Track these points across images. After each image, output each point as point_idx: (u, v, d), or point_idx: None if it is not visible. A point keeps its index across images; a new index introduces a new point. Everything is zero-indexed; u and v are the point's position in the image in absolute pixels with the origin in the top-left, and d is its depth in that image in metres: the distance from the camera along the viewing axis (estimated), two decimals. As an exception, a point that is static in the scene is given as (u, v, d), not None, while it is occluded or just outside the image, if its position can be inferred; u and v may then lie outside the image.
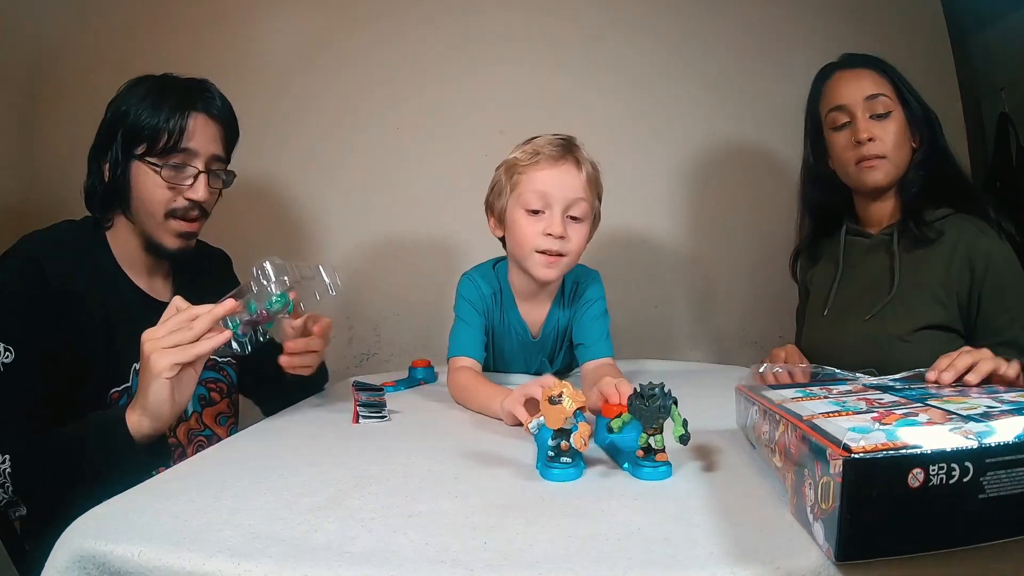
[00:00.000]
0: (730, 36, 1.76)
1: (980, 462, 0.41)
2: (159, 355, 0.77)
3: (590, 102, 1.76)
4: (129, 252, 1.01)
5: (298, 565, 0.46)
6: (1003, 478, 0.42)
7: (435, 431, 0.85)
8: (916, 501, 0.41)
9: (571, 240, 1.02)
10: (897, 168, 1.07)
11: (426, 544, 0.49)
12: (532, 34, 1.77)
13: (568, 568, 0.45)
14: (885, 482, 0.41)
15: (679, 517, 0.53)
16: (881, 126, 1.06)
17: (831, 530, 0.43)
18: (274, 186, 1.75)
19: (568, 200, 1.01)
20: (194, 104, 0.96)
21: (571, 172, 1.01)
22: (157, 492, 0.63)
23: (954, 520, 0.42)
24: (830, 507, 0.43)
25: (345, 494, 0.60)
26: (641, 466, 0.63)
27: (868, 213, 1.15)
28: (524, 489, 0.61)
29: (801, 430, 0.50)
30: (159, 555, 0.48)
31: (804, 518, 0.48)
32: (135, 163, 0.95)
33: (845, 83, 1.09)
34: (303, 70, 1.76)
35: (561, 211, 1.01)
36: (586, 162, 1.04)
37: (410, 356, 1.55)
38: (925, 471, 0.41)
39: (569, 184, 1.01)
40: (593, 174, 1.05)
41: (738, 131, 1.77)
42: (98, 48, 1.71)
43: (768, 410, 0.61)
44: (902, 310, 1.03)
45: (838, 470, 0.42)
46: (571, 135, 1.08)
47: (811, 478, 0.47)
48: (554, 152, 1.02)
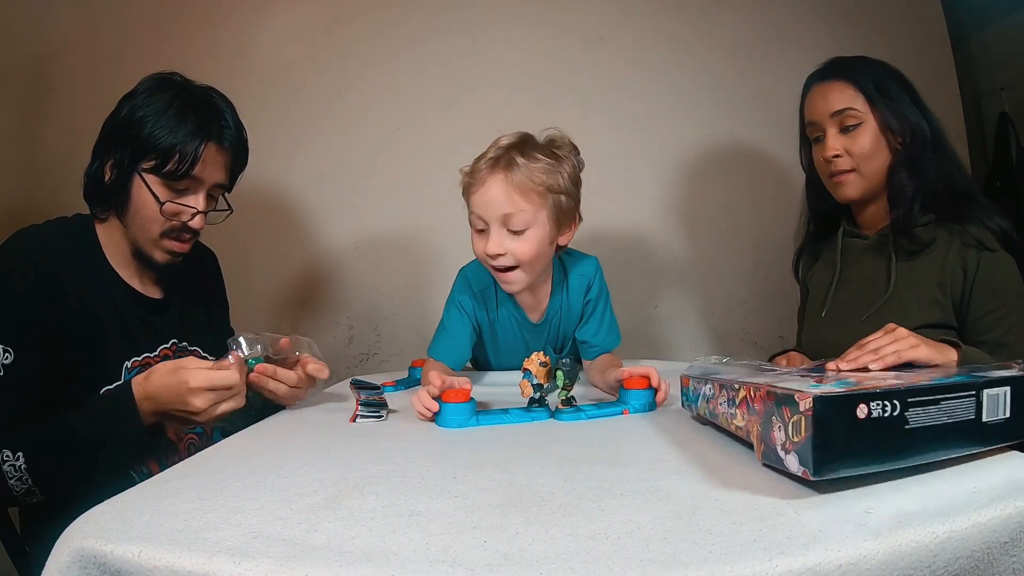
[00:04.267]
0: (730, 36, 1.76)
1: (904, 400, 0.55)
2: (208, 415, 0.87)
3: (590, 102, 1.76)
4: (120, 251, 1.01)
5: (298, 564, 0.46)
6: (920, 414, 0.56)
7: (434, 430, 0.86)
8: (863, 428, 0.54)
9: (515, 252, 1.02)
10: (869, 179, 1.08)
11: (426, 544, 0.49)
12: (532, 34, 1.77)
13: (568, 567, 0.45)
14: (842, 414, 0.54)
15: (679, 515, 0.53)
16: (851, 139, 1.06)
17: (806, 456, 0.54)
18: (273, 186, 1.75)
19: (500, 217, 1.01)
20: (211, 133, 0.96)
21: (498, 188, 1.00)
22: (157, 492, 0.63)
23: (889, 443, 0.56)
24: (802, 439, 0.54)
25: (345, 494, 0.60)
26: (564, 412, 0.87)
27: (863, 216, 1.16)
28: (524, 489, 0.61)
29: (765, 388, 0.62)
30: (159, 555, 0.48)
31: (775, 457, 0.59)
32: (139, 176, 0.94)
33: (816, 98, 1.11)
34: (303, 70, 1.76)
35: (497, 229, 1.02)
36: (522, 168, 1.00)
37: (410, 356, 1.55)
38: (868, 406, 0.54)
39: (498, 202, 1.00)
40: (529, 179, 1.00)
41: (739, 132, 1.77)
42: (99, 48, 1.71)
43: (724, 383, 0.72)
44: (899, 311, 1.03)
45: (808, 406, 0.53)
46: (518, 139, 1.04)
47: (780, 421, 0.58)
48: (483, 173, 1.01)
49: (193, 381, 0.84)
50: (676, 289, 1.81)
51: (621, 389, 0.92)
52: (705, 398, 0.78)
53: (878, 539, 0.45)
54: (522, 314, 1.18)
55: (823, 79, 1.11)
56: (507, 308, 1.17)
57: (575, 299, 1.17)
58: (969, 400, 0.58)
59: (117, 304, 0.98)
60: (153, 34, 1.71)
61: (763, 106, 1.75)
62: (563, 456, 0.71)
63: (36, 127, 1.70)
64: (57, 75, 1.71)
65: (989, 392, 0.59)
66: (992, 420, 0.59)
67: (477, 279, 1.16)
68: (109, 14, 1.72)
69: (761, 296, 1.78)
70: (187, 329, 1.09)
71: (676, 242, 1.80)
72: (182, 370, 0.85)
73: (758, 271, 1.78)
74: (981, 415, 0.58)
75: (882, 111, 1.05)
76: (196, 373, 0.85)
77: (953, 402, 0.57)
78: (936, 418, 0.56)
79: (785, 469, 0.57)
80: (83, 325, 0.93)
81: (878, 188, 1.09)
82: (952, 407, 0.57)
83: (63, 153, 1.63)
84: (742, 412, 0.66)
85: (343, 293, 1.79)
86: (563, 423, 0.87)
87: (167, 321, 1.06)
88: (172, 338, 1.06)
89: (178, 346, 1.07)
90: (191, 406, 0.85)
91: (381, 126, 1.77)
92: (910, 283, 1.04)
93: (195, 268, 1.13)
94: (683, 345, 1.81)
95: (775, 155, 1.74)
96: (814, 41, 1.71)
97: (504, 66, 1.77)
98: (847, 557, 0.44)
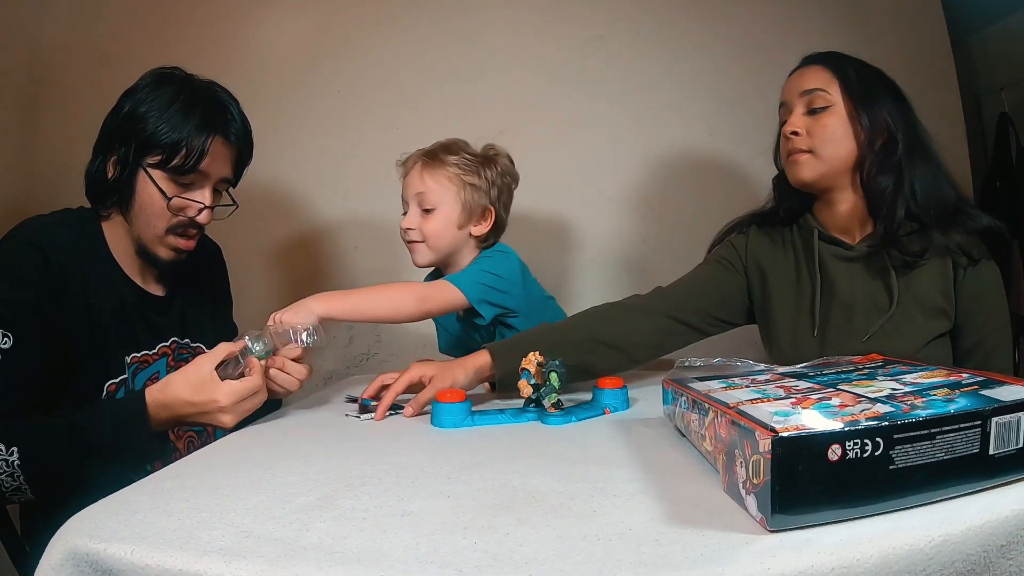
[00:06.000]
0: (730, 36, 1.76)
1: (888, 437, 0.48)
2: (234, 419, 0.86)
3: (590, 101, 1.75)
4: (124, 247, 1.00)
5: (289, 564, 0.46)
6: (909, 451, 0.48)
7: (429, 430, 0.86)
8: (836, 472, 0.47)
9: (422, 228, 1.17)
10: (826, 163, 1.02)
11: (416, 544, 0.49)
12: (532, 33, 1.77)
13: (558, 569, 0.45)
14: (808, 456, 0.47)
15: (670, 517, 0.53)
16: (815, 120, 1.02)
17: (764, 502, 0.48)
18: (273, 187, 1.75)
19: (415, 196, 1.18)
20: (216, 127, 0.95)
21: (416, 171, 1.19)
22: (150, 491, 0.63)
23: (870, 487, 0.48)
24: (761, 482, 0.48)
25: (338, 493, 0.60)
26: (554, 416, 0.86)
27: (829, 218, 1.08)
28: (517, 489, 0.61)
29: (730, 415, 0.56)
30: (152, 554, 0.48)
31: (736, 494, 0.53)
32: (144, 171, 0.93)
33: (792, 79, 1.09)
34: (302, 71, 1.76)
35: (414, 208, 1.18)
36: (440, 158, 1.18)
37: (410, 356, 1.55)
38: (842, 446, 0.47)
39: (414, 183, 1.18)
40: (444, 165, 1.17)
41: (739, 132, 1.76)
42: (99, 48, 1.72)
43: (696, 400, 0.66)
44: (907, 327, 0.99)
45: (767, 448, 0.47)
46: (450, 141, 1.23)
47: (742, 457, 0.52)
48: (410, 162, 1.21)
49: (223, 399, 0.84)
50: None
51: (595, 389, 0.94)
52: (680, 411, 0.74)
53: (871, 543, 0.45)
54: None
55: (804, 64, 1.09)
56: None
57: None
58: (973, 431, 0.49)
59: (120, 299, 0.97)
60: (152, 34, 1.71)
61: (764, 107, 1.73)
62: (557, 457, 0.71)
63: (35, 127, 1.70)
64: (56, 75, 1.71)
65: (998, 420, 0.50)
66: (1001, 452, 0.50)
67: None
68: (109, 14, 1.72)
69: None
70: (189, 326, 1.08)
71: (675, 242, 1.80)
72: (208, 386, 0.84)
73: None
74: (987, 448, 0.50)
75: (855, 101, 1.01)
76: (223, 390, 0.84)
77: (952, 435, 0.49)
78: (930, 455, 0.48)
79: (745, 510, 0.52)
80: (86, 318, 0.92)
81: (834, 178, 1.03)
82: (951, 441, 0.49)
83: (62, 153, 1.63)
84: (710, 436, 0.61)
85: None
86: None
87: (168, 319, 1.05)
88: (172, 336, 1.05)
89: (179, 344, 1.06)
90: (221, 423, 0.85)
91: (379, 128, 1.77)
92: (912, 295, 0.99)
93: (199, 263, 1.12)
94: (682, 345, 1.80)
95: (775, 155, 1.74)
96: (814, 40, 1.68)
97: (504, 65, 1.76)
98: (840, 560, 0.44)
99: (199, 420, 0.87)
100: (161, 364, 1.03)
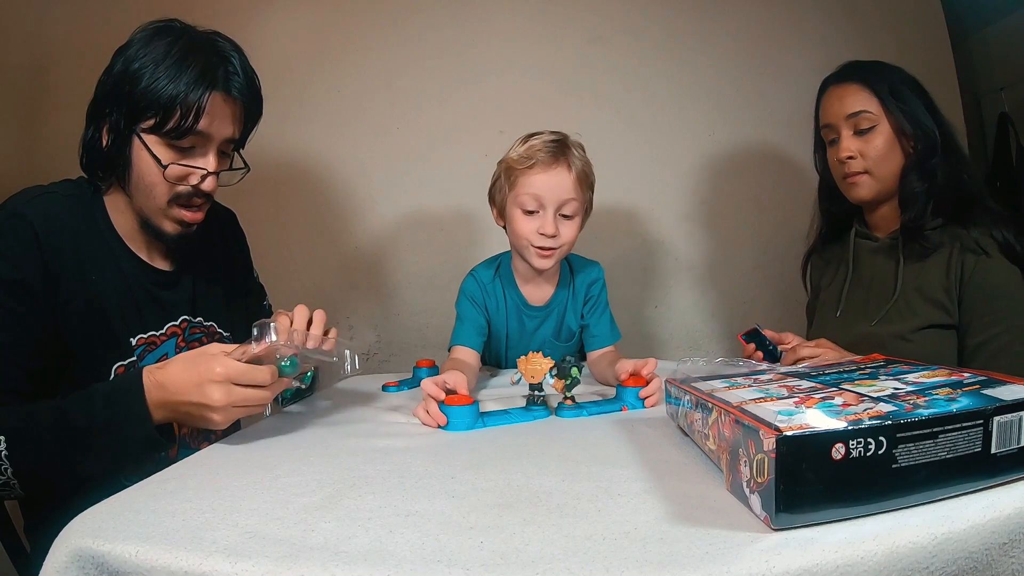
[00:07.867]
0: (730, 37, 1.76)
1: (891, 436, 0.48)
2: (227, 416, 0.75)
3: (591, 103, 1.76)
4: (126, 221, 0.92)
5: (294, 564, 0.46)
6: (912, 450, 0.49)
7: (431, 431, 0.85)
8: (840, 471, 0.48)
9: (562, 235, 1.11)
10: (882, 181, 1.09)
11: (422, 544, 0.49)
12: (533, 36, 1.77)
13: (564, 568, 0.45)
14: (812, 455, 0.47)
15: (675, 516, 0.53)
16: (865, 141, 1.08)
17: (768, 501, 0.48)
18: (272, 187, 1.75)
19: (559, 201, 1.10)
20: (215, 81, 0.84)
21: (562, 175, 1.09)
22: (155, 491, 0.63)
23: (873, 486, 0.49)
24: (765, 480, 0.48)
25: (342, 494, 0.60)
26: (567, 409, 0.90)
27: (874, 218, 1.17)
28: (521, 489, 0.61)
29: (734, 415, 0.56)
30: (156, 554, 0.48)
31: (740, 492, 0.54)
32: (137, 137, 0.84)
33: (832, 100, 1.12)
34: (302, 72, 1.76)
35: (553, 211, 1.10)
36: (577, 161, 1.10)
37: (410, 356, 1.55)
38: (846, 445, 0.47)
39: (560, 186, 1.09)
40: (583, 171, 1.11)
41: (739, 132, 1.77)
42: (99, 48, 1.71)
43: (700, 400, 0.66)
44: (907, 312, 1.06)
45: (771, 447, 0.47)
46: (565, 134, 1.13)
47: (746, 456, 0.52)
48: (547, 157, 1.09)
49: (220, 368, 0.73)
50: (677, 289, 1.81)
51: (619, 387, 0.95)
52: (684, 410, 0.74)
53: (875, 541, 0.45)
54: (523, 298, 1.23)
55: (839, 82, 1.12)
56: (512, 297, 1.23)
57: (578, 295, 1.25)
58: (975, 431, 0.50)
59: (124, 276, 0.89)
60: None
61: (764, 107, 1.75)
62: (562, 456, 0.71)
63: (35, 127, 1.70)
64: (56, 75, 1.71)
65: (1000, 420, 0.51)
66: (1004, 451, 0.51)
67: (485, 268, 1.25)
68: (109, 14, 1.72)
69: (761, 297, 1.78)
70: (200, 304, 1.00)
71: (676, 242, 1.80)
72: (205, 356, 0.75)
73: (758, 272, 1.78)
74: (990, 446, 0.51)
75: (896, 115, 1.07)
76: (225, 362, 0.74)
77: (954, 435, 0.50)
78: (933, 454, 0.49)
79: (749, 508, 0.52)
80: (83, 296, 0.83)
81: (890, 190, 1.10)
82: (953, 440, 0.50)
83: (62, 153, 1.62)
84: (714, 435, 0.62)
85: (342, 293, 1.80)
86: (564, 420, 0.88)
87: (177, 295, 0.97)
88: (182, 315, 0.97)
89: (190, 323, 0.98)
90: (208, 397, 0.73)
91: (380, 128, 1.77)
92: (917, 285, 1.06)
93: (210, 233, 1.01)
94: (683, 345, 1.81)
95: (776, 155, 1.75)
96: (814, 41, 1.71)
97: (504, 65, 1.77)
98: (844, 558, 0.44)
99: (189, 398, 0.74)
100: (170, 345, 0.95)
